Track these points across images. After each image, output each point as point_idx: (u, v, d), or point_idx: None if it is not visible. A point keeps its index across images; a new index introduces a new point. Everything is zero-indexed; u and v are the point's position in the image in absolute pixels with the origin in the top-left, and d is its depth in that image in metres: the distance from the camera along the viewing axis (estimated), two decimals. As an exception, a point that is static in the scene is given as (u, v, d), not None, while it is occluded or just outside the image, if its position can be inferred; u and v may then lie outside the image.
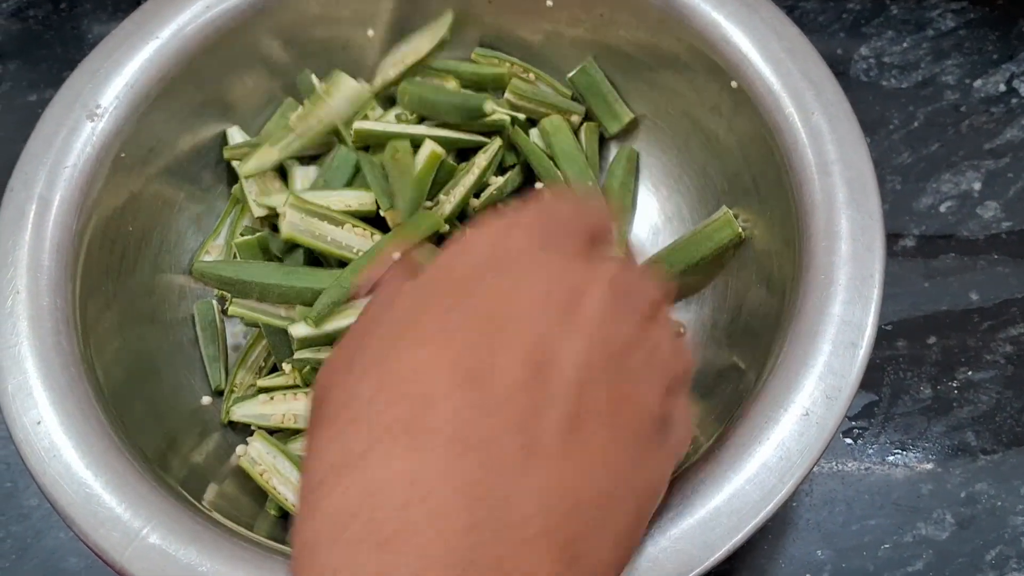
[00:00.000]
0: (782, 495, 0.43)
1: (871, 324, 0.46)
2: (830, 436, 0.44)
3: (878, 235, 0.48)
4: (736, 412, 0.46)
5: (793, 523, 0.57)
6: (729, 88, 0.54)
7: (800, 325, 0.46)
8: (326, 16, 0.60)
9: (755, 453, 0.43)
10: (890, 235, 0.64)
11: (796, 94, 0.51)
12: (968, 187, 0.65)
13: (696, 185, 0.59)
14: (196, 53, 0.56)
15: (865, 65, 0.69)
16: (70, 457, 0.45)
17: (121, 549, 0.43)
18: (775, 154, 0.52)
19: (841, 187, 0.49)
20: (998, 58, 0.69)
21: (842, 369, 0.45)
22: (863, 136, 0.50)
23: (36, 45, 0.74)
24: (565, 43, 0.61)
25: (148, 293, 0.56)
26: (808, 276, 0.48)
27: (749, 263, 0.55)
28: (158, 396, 0.53)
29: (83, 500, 0.44)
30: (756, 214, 0.54)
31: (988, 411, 0.60)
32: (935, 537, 0.57)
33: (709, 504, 0.43)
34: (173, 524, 0.43)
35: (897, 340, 0.61)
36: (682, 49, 0.56)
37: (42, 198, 0.51)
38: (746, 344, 0.53)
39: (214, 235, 0.59)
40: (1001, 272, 0.63)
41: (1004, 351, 0.61)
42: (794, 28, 0.53)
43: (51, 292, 0.49)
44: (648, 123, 0.61)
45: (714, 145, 0.57)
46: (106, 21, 0.74)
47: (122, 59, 0.54)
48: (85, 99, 0.53)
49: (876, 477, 0.58)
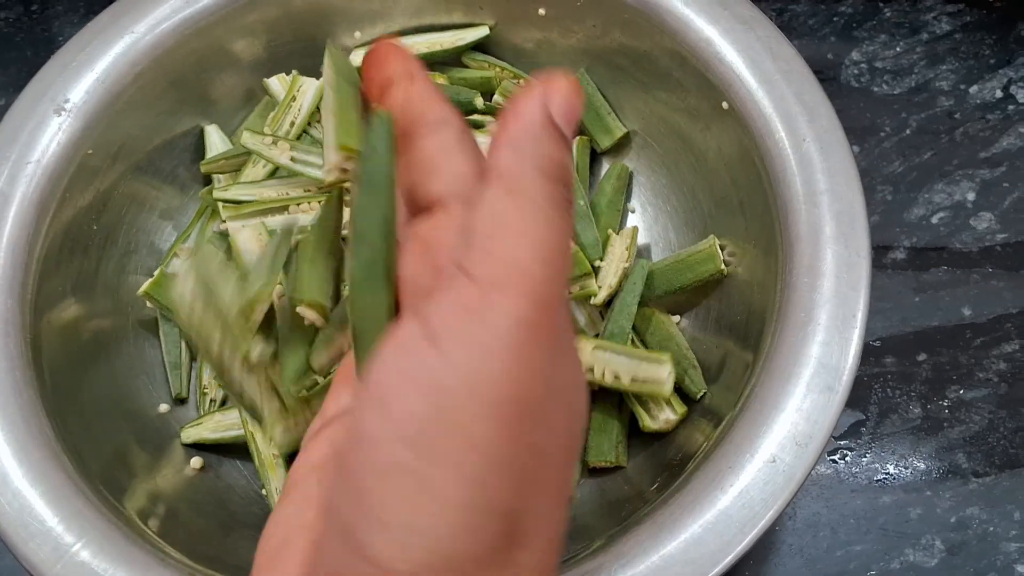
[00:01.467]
0: (742, 546, 0.40)
1: (849, 369, 0.43)
2: (797, 486, 0.41)
3: (864, 274, 0.45)
4: (700, 451, 0.44)
5: (775, 548, 0.55)
6: (721, 108, 0.52)
7: (774, 364, 0.44)
8: (311, 13, 0.58)
9: (716, 500, 0.41)
10: (880, 247, 0.62)
11: (788, 119, 0.49)
12: (962, 197, 0.63)
13: (684, 207, 0.57)
14: (172, 49, 0.55)
15: (856, 70, 0.67)
16: (8, 465, 0.43)
17: (51, 564, 0.41)
18: (763, 180, 0.49)
19: (828, 220, 0.46)
20: (995, 63, 0.67)
21: (815, 415, 0.43)
22: (856, 168, 0.48)
23: (5, 47, 0.72)
24: (557, 53, 0.59)
25: (111, 295, 0.55)
26: (787, 312, 0.45)
27: (732, 291, 0.52)
28: (112, 403, 0.52)
29: (16, 511, 0.42)
30: (741, 242, 0.52)
31: (980, 431, 0.57)
32: (924, 564, 0.54)
33: (663, 550, 0.40)
34: (105, 542, 0.42)
35: (886, 356, 0.59)
36: (675, 66, 0.54)
37: (1, 194, 0.49)
38: (719, 378, 0.51)
39: (183, 238, 0.57)
40: (995, 286, 0.60)
41: (997, 368, 0.58)
42: (791, 49, 0.51)
43: (3, 292, 0.47)
44: (639, 140, 0.59)
45: (703, 167, 0.55)
46: (77, 23, 0.72)
47: (94, 53, 0.53)
48: (54, 93, 0.52)
49: (862, 500, 0.56)
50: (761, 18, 0.51)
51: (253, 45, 0.58)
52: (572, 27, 0.57)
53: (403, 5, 0.59)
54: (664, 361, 0.49)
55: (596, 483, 0.52)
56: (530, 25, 0.58)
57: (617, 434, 0.52)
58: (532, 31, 0.59)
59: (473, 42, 0.60)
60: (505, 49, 0.61)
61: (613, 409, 0.52)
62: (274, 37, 0.58)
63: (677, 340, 0.53)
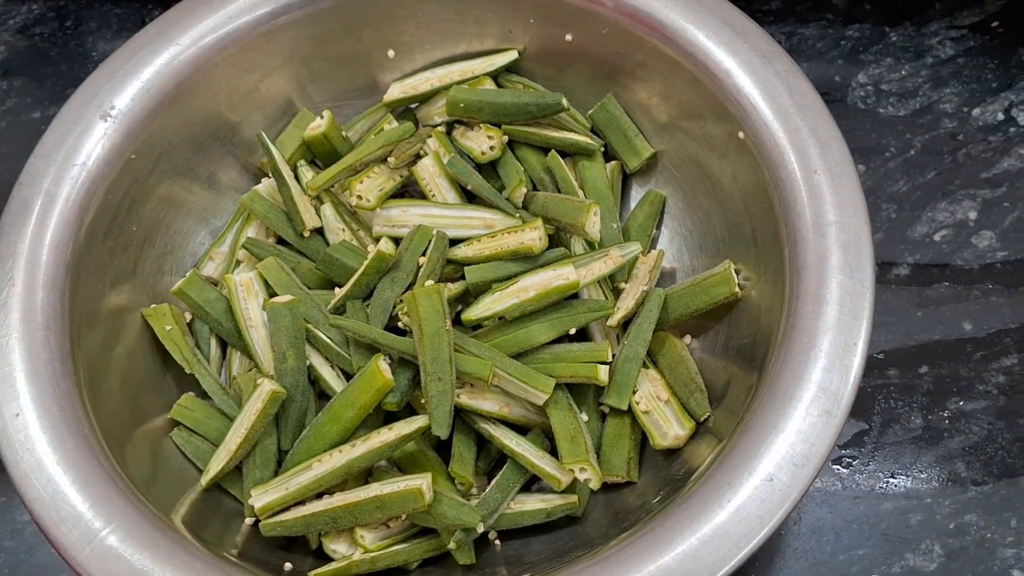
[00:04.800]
0: (737, 560, 0.42)
1: (848, 394, 0.45)
2: (793, 504, 0.43)
3: (867, 304, 0.47)
4: (702, 467, 0.46)
5: (780, 552, 0.56)
6: (736, 138, 0.53)
7: (776, 386, 0.46)
8: (346, 33, 0.60)
9: (714, 515, 0.43)
10: (884, 263, 0.63)
11: (801, 151, 0.51)
12: (964, 216, 0.64)
13: (699, 230, 0.59)
14: (214, 61, 0.57)
15: (863, 92, 0.69)
16: (43, 452, 0.46)
17: (80, 548, 0.43)
18: (774, 208, 0.51)
19: (835, 250, 0.48)
20: (997, 87, 0.68)
21: (813, 436, 0.44)
22: (865, 201, 0.49)
23: (41, 62, 0.75)
24: (582, 78, 0.61)
25: (147, 293, 0.57)
26: (791, 337, 0.47)
27: (742, 315, 0.54)
28: (144, 395, 0.54)
29: (50, 496, 0.45)
30: (753, 268, 0.53)
31: (979, 442, 0.59)
32: (923, 568, 0.56)
33: (660, 561, 0.42)
34: (133, 528, 0.44)
35: (888, 369, 0.61)
36: (694, 95, 0.55)
37: (48, 194, 0.52)
38: (723, 401, 0.52)
39: (218, 242, 0.60)
40: (995, 302, 0.62)
41: (997, 381, 0.60)
42: (807, 83, 0.52)
43: (46, 287, 0.50)
44: (660, 164, 0.61)
45: (718, 192, 0.57)
46: (111, 39, 0.75)
47: (140, 63, 0.56)
48: (101, 100, 0.55)
49: (865, 506, 0.57)
50: (779, 52, 0.53)
51: (291, 60, 0.60)
52: (597, 53, 0.59)
53: (435, 28, 0.61)
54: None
55: (604, 496, 0.54)
56: (557, 50, 0.60)
57: (629, 451, 0.54)
58: (559, 56, 0.61)
59: (504, 66, 0.62)
60: (535, 73, 0.63)
61: (626, 427, 0.54)
62: (310, 54, 0.61)
63: (687, 364, 0.55)
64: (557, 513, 0.53)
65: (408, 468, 0.53)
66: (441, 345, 0.51)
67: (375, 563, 0.50)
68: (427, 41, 0.62)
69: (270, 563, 0.49)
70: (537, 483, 0.55)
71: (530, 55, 0.62)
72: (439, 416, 0.51)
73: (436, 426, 0.51)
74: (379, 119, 0.62)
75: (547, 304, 0.54)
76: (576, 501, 0.52)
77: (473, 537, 0.51)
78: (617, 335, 0.57)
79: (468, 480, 0.52)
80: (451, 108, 0.60)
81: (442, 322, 0.51)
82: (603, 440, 0.54)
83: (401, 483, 0.49)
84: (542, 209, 0.57)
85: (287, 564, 0.50)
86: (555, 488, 0.53)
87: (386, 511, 0.49)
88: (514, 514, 0.52)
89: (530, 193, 0.59)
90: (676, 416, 0.53)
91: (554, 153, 0.60)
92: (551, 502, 0.53)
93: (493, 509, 0.51)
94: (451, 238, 0.57)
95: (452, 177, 0.59)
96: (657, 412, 0.54)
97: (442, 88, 0.62)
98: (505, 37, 0.61)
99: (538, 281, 0.54)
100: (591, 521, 0.53)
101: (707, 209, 0.58)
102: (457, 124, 0.62)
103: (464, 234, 0.57)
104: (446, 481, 0.52)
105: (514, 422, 0.54)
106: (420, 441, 0.53)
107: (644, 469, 0.54)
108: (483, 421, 0.53)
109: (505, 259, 0.55)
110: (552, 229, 0.56)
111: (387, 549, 0.51)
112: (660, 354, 0.56)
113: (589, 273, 0.54)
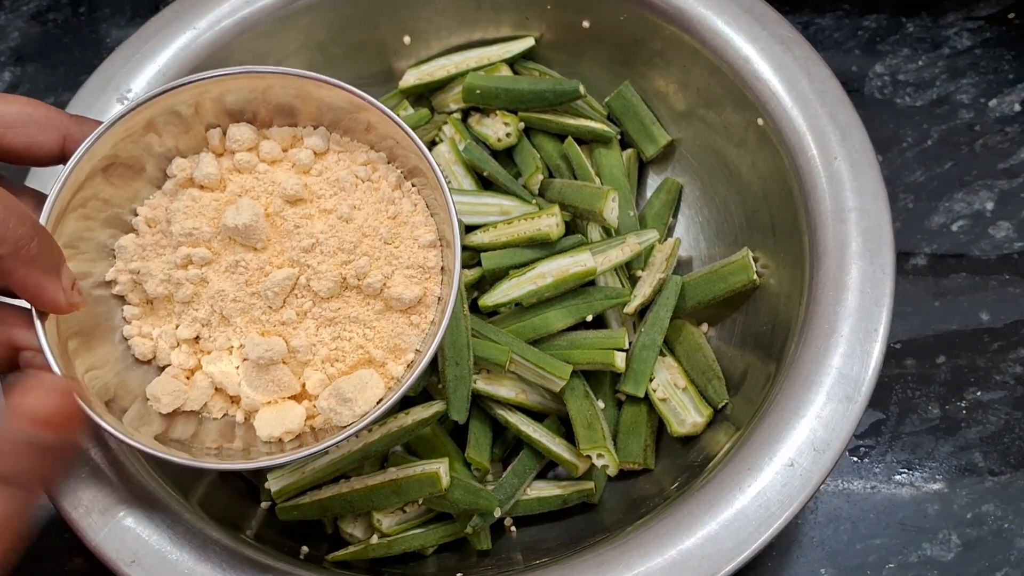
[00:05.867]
0: (757, 545, 0.42)
1: (869, 380, 0.45)
2: (814, 489, 0.43)
3: (887, 290, 0.47)
4: (720, 453, 0.46)
5: (797, 541, 0.56)
6: (755, 125, 0.53)
7: (796, 373, 0.46)
8: (362, 18, 0.60)
9: (734, 500, 0.43)
10: (901, 253, 0.63)
11: (821, 137, 0.51)
12: (981, 207, 0.64)
13: (716, 219, 0.58)
14: (231, 45, 0.57)
15: (880, 83, 0.68)
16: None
17: (97, 529, 0.43)
18: (794, 195, 0.51)
19: (855, 236, 0.48)
20: (1014, 78, 0.68)
21: (834, 422, 0.44)
22: (884, 187, 0.49)
23: (55, 48, 0.75)
24: (599, 65, 0.61)
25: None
26: (811, 323, 0.47)
27: (759, 303, 0.54)
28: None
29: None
30: (771, 255, 0.53)
31: (996, 432, 0.59)
32: (940, 558, 0.56)
33: (681, 545, 0.42)
34: (151, 510, 0.44)
35: (906, 359, 0.61)
36: (713, 82, 0.55)
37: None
38: (741, 389, 0.52)
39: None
40: (1012, 292, 0.62)
41: (1014, 372, 0.60)
42: (826, 70, 0.52)
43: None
44: (677, 152, 0.61)
45: (736, 180, 0.56)
46: (124, 26, 0.75)
47: (157, 47, 0.55)
48: (117, 83, 0.54)
49: (882, 496, 0.57)
50: (799, 39, 0.53)
51: (307, 45, 0.60)
52: (614, 40, 0.59)
53: (452, 14, 0.61)
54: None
55: (620, 484, 0.54)
56: (574, 37, 0.60)
57: (646, 438, 0.53)
58: (576, 43, 0.61)
59: (520, 53, 0.62)
60: (551, 60, 0.62)
61: (643, 414, 0.54)
62: (326, 40, 0.60)
63: (704, 351, 0.55)
64: (573, 500, 0.53)
65: (424, 454, 0.52)
66: (459, 330, 0.51)
67: (391, 547, 0.50)
68: (443, 28, 0.62)
69: (286, 546, 0.49)
70: (552, 470, 0.55)
71: (547, 42, 0.62)
72: (457, 401, 0.50)
73: (454, 411, 0.50)
74: (395, 106, 0.62)
75: (564, 291, 0.54)
76: (592, 487, 0.52)
77: (490, 522, 0.51)
78: (634, 323, 0.57)
79: (484, 466, 0.52)
80: (467, 95, 0.60)
81: (460, 308, 0.51)
82: (620, 427, 0.54)
83: (418, 467, 0.49)
84: (559, 196, 0.57)
85: (304, 547, 0.50)
86: (572, 473, 0.52)
87: (403, 495, 0.49)
88: (530, 500, 0.52)
89: (547, 180, 0.58)
90: (694, 403, 0.53)
91: (571, 140, 0.59)
92: (567, 488, 0.53)
93: (510, 495, 0.51)
94: (467, 225, 0.57)
95: (468, 164, 0.59)
96: (674, 399, 0.53)
97: (458, 75, 0.62)
98: (521, 24, 0.61)
99: (555, 268, 0.54)
100: (607, 508, 0.53)
101: (725, 197, 0.58)
102: (473, 111, 0.62)
103: (480, 220, 0.57)
104: (462, 467, 0.52)
105: (531, 408, 0.54)
106: (436, 427, 0.53)
107: (661, 456, 0.54)
108: (499, 407, 0.53)
109: (522, 245, 0.55)
110: (569, 216, 0.56)
111: (403, 533, 0.51)
112: (677, 342, 0.56)
113: (606, 260, 0.54)
